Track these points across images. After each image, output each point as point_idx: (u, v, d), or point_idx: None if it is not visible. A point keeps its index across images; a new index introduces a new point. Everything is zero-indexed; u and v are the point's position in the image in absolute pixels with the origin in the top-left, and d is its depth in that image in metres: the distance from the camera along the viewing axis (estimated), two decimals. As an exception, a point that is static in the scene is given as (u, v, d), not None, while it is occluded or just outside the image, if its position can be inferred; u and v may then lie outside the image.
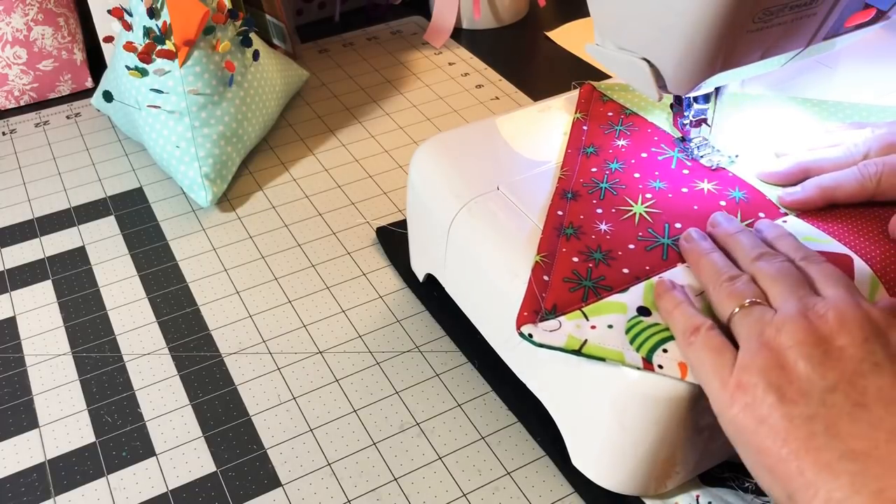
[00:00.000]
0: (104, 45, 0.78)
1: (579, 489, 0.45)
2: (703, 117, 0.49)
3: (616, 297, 0.41)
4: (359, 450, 0.48)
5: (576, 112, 0.55)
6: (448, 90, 0.82)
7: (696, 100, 0.48)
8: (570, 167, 0.50)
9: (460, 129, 0.55)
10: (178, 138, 0.65)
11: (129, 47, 0.64)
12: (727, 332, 0.38)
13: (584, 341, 0.39)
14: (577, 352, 0.39)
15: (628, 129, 0.52)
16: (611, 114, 0.54)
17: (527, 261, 0.44)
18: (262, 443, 0.49)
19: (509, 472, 0.47)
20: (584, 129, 0.53)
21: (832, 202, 0.45)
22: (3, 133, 0.77)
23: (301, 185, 0.70)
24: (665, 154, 0.50)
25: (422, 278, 0.57)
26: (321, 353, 0.55)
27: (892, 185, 0.44)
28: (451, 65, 0.86)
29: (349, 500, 0.46)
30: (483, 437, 0.49)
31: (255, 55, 0.69)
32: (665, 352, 0.38)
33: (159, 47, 0.64)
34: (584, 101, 0.56)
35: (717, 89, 0.48)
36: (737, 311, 0.37)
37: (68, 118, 0.79)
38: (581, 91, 0.56)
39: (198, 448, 0.49)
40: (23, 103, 0.81)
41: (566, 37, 0.90)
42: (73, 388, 0.53)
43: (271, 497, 0.46)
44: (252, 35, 0.69)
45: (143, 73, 0.65)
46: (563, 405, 0.44)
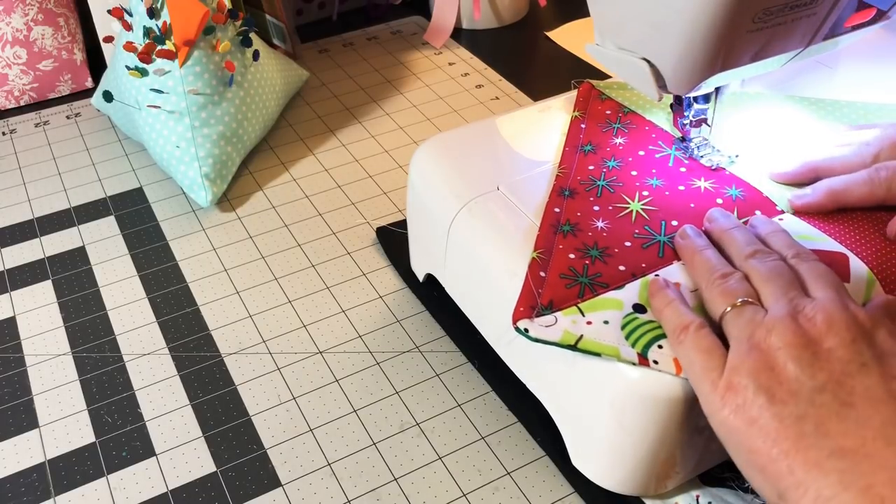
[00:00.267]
0: (104, 45, 0.78)
1: (579, 489, 0.45)
2: (703, 117, 0.49)
3: (612, 294, 0.41)
4: (359, 450, 0.48)
5: (574, 110, 0.55)
6: (448, 90, 0.82)
7: (696, 100, 0.48)
8: (567, 165, 0.50)
9: (460, 129, 0.55)
10: (178, 138, 0.65)
11: (129, 47, 0.64)
12: (718, 329, 0.38)
13: (580, 336, 0.39)
14: (573, 347, 0.39)
15: (626, 128, 0.52)
16: (609, 112, 0.54)
17: (526, 260, 0.44)
18: (262, 443, 0.49)
19: (509, 472, 0.47)
20: (582, 127, 0.53)
21: (842, 206, 0.45)
22: (3, 133, 0.77)
23: (301, 185, 0.70)
24: (662, 152, 0.50)
25: (422, 278, 0.57)
26: (321, 353, 0.55)
27: None
28: (451, 65, 0.86)
29: (349, 500, 0.46)
30: (483, 437, 0.49)
31: (255, 55, 0.69)
32: (660, 348, 0.39)
33: (159, 47, 0.64)
34: (582, 99, 0.56)
35: (717, 89, 0.48)
36: (728, 310, 0.37)
37: (68, 118, 0.79)
38: (579, 89, 0.57)
39: (198, 448, 0.49)
40: (23, 103, 0.81)
41: (566, 37, 0.90)
42: (73, 388, 0.53)
43: (271, 497, 0.46)
44: (252, 35, 0.69)
45: (143, 73, 0.65)
46: (562, 405, 0.44)
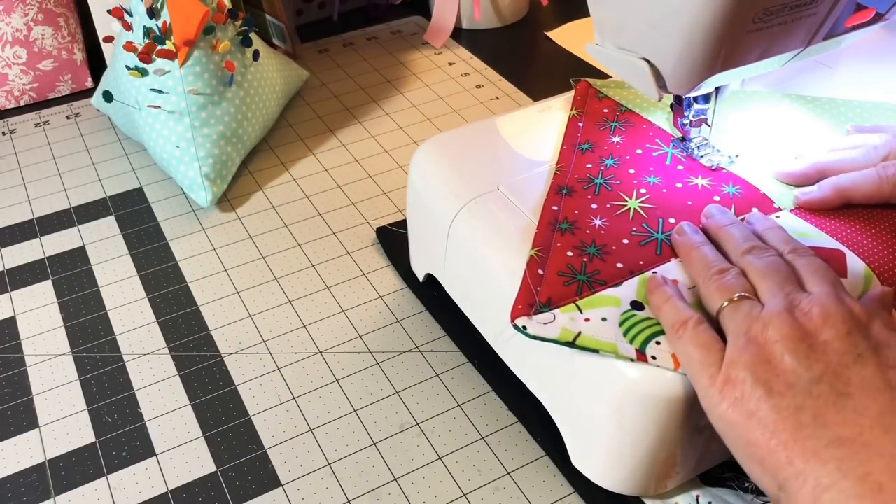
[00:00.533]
0: (104, 45, 0.78)
1: (579, 489, 0.45)
2: (703, 117, 0.49)
3: (610, 292, 0.41)
4: (359, 450, 0.48)
5: (571, 109, 0.55)
6: (448, 90, 0.82)
7: (696, 100, 0.48)
8: (565, 163, 0.50)
9: (460, 129, 0.55)
10: (178, 138, 0.65)
11: (129, 47, 0.64)
12: (716, 324, 0.38)
13: (578, 333, 0.39)
14: (571, 343, 0.39)
15: (623, 126, 0.53)
16: (606, 111, 0.54)
17: (526, 260, 0.44)
18: (262, 443, 0.49)
19: (509, 472, 0.47)
20: (580, 125, 0.53)
21: (848, 202, 0.45)
22: (3, 133, 0.77)
23: (301, 185, 0.70)
24: (660, 150, 0.50)
25: (422, 278, 0.57)
26: (321, 353, 0.55)
27: None
28: (451, 65, 0.86)
29: (349, 500, 0.46)
30: (483, 437, 0.49)
31: (255, 55, 0.69)
32: (658, 344, 0.39)
33: (159, 47, 0.64)
34: (579, 97, 0.56)
35: (717, 89, 0.48)
36: (725, 305, 0.38)
37: (68, 118, 0.79)
38: (577, 88, 0.56)
39: (198, 448, 0.49)
40: (23, 103, 0.81)
41: (566, 37, 0.90)
42: (73, 388, 0.53)
43: (271, 497, 0.46)
44: (252, 35, 0.69)
45: (143, 73, 0.65)
46: (562, 405, 0.44)
